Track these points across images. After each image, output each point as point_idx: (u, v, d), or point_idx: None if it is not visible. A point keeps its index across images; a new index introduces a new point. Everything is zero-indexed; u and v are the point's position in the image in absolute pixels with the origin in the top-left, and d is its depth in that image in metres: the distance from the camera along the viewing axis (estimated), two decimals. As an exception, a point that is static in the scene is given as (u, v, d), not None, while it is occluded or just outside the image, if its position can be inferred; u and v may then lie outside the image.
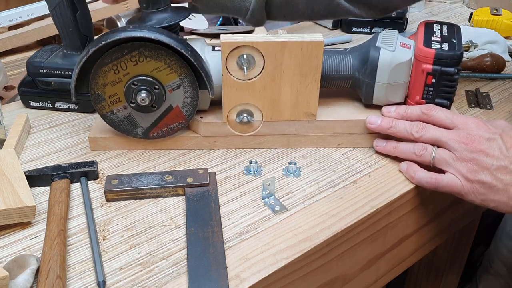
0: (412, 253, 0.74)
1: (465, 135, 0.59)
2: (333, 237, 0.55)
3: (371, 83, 0.66)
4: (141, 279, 0.49)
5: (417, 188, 0.63)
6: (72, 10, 0.72)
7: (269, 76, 0.63)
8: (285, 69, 0.63)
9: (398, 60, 0.64)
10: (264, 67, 0.62)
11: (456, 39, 0.66)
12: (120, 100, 0.64)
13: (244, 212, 0.58)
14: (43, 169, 0.62)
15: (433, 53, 0.63)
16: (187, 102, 0.65)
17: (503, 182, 0.56)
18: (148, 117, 0.65)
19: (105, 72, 0.62)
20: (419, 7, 1.24)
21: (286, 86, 0.64)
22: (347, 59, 0.68)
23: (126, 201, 0.59)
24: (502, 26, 1.06)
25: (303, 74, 0.63)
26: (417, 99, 0.66)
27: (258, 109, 0.66)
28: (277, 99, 0.65)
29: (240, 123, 0.66)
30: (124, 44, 0.60)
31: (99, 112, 0.65)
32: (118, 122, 0.66)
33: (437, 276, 1.25)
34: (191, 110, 0.65)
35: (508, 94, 0.85)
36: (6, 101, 0.87)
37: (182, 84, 0.63)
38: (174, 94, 0.64)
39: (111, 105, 0.64)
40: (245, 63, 0.62)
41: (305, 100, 0.65)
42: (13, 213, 0.53)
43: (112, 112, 0.65)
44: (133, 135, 0.67)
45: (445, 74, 0.64)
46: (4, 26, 1.01)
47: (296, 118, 0.67)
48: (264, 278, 0.49)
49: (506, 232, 0.96)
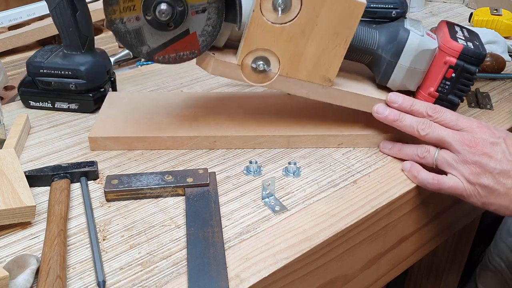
0: (412, 253, 0.74)
1: (470, 137, 0.59)
2: (333, 237, 0.55)
3: (393, 63, 0.65)
4: (141, 279, 0.49)
5: (417, 188, 0.63)
6: (72, 10, 0.72)
7: (300, 27, 0.59)
8: (319, 23, 0.59)
9: (425, 46, 0.64)
10: (299, 14, 0.58)
11: (479, 42, 0.67)
12: (134, 8, 0.57)
13: (244, 212, 0.58)
14: (43, 169, 0.62)
15: (461, 47, 0.63)
16: (206, 30, 0.59)
17: (505, 186, 0.56)
18: (160, 36, 0.59)
19: None
20: (419, 7, 1.24)
21: (313, 42, 0.60)
22: (374, 33, 0.66)
23: (126, 201, 0.59)
24: (502, 26, 1.06)
25: (334, 34, 0.60)
26: (430, 90, 0.66)
27: (277, 59, 0.62)
28: (300, 53, 0.61)
29: (255, 70, 0.62)
30: None
31: (107, 16, 0.57)
32: (125, 33, 0.59)
33: (437, 276, 1.25)
34: (208, 41, 0.60)
35: (508, 94, 0.85)
36: (6, 101, 0.87)
37: (208, 8, 0.58)
38: (195, 18, 0.58)
39: (122, 12, 0.57)
40: (281, 4, 0.57)
41: (327, 63, 0.62)
42: (13, 213, 0.53)
43: (122, 20, 0.58)
44: (137, 52, 0.61)
45: (467, 71, 0.64)
46: (4, 26, 1.02)
47: (312, 79, 0.64)
48: (264, 278, 0.49)
49: (506, 228, 0.97)
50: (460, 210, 0.79)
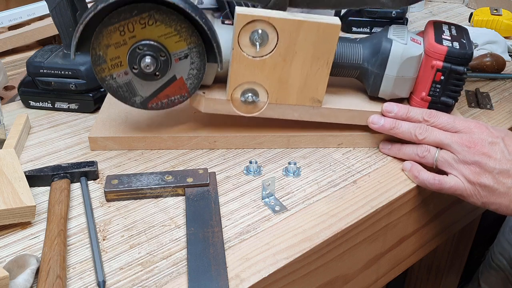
0: (412, 253, 0.74)
1: (468, 138, 0.59)
2: (333, 237, 0.55)
3: (380, 74, 0.65)
4: (141, 279, 0.49)
5: (417, 188, 0.63)
6: (72, 10, 0.72)
7: (281, 56, 0.61)
8: (298, 50, 0.61)
9: (409, 54, 0.64)
10: (277, 45, 0.60)
11: (466, 40, 0.66)
12: (122, 65, 0.61)
13: (244, 212, 0.58)
14: (43, 169, 0.62)
15: (445, 50, 0.63)
16: (192, 74, 0.62)
17: (505, 186, 0.57)
18: (149, 86, 0.62)
19: (110, 32, 0.58)
20: (419, 7, 1.24)
21: (296, 67, 0.62)
22: (358, 48, 0.67)
23: (126, 201, 0.59)
24: (502, 26, 1.06)
25: (315, 57, 0.61)
26: (422, 95, 0.66)
27: (265, 89, 0.64)
28: (286, 80, 0.63)
29: (245, 102, 0.64)
30: (135, 4, 0.57)
31: (98, 75, 0.61)
32: (117, 88, 0.62)
33: (437, 276, 1.25)
34: (196, 83, 0.63)
35: (508, 94, 0.85)
36: (6, 101, 0.87)
37: (190, 54, 0.60)
38: (179, 64, 0.61)
39: (111, 69, 0.61)
40: (258, 39, 0.59)
41: (314, 85, 0.64)
42: (13, 213, 0.53)
43: (112, 76, 0.61)
44: (131, 103, 0.64)
45: (455, 72, 0.64)
46: (4, 26, 1.01)
47: (301, 102, 0.65)
48: (264, 278, 0.49)
49: (510, 227, 0.97)
50: (460, 210, 0.79)
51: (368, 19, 1.07)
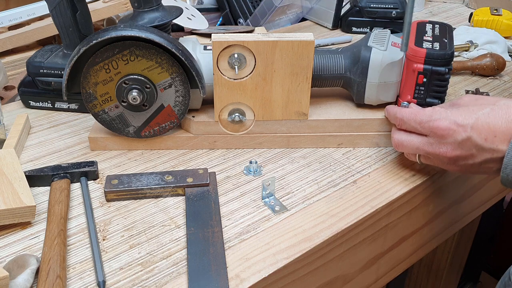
0: (412, 253, 0.74)
1: (437, 142, 0.57)
2: (333, 237, 0.55)
3: (362, 83, 0.66)
4: (141, 279, 0.49)
5: (417, 188, 0.63)
6: (72, 10, 0.72)
7: (260, 76, 0.63)
8: (276, 69, 0.63)
9: (389, 60, 0.65)
10: (255, 66, 0.63)
11: (448, 39, 0.67)
12: (111, 99, 0.64)
13: (244, 212, 0.58)
14: (43, 169, 0.62)
15: (424, 52, 0.63)
16: (178, 101, 0.65)
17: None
18: (140, 116, 0.66)
19: (97, 71, 0.62)
20: (419, 7, 1.24)
21: (277, 85, 0.64)
22: (339, 58, 0.68)
23: (126, 201, 0.59)
24: (502, 26, 1.06)
25: (294, 74, 0.64)
26: (408, 98, 0.67)
27: (250, 108, 0.66)
28: (269, 98, 0.65)
29: (232, 122, 0.67)
30: (115, 43, 0.60)
31: (91, 111, 0.65)
32: (110, 121, 0.66)
33: (437, 276, 1.25)
34: (183, 109, 0.66)
35: (508, 94, 0.85)
36: (6, 101, 0.87)
37: (173, 83, 0.64)
38: (165, 93, 0.64)
39: (102, 104, 0.65)
40: (236, 63, 0.62)
41: (297, 100, 0.66)
42: (13, 213, 0.53)
43: (104, 111, 0.65)
44: (125, 134, 0.67)
45: (436, 73, 0.64)
46: (4, 26, 1.01)
47: (288, 117, 0.67)
48: (264, 278, 0.49)
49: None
50: (460, 210, 0.79)
51: (368, 19, 1.07)
